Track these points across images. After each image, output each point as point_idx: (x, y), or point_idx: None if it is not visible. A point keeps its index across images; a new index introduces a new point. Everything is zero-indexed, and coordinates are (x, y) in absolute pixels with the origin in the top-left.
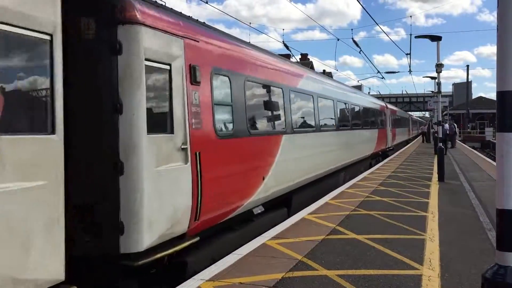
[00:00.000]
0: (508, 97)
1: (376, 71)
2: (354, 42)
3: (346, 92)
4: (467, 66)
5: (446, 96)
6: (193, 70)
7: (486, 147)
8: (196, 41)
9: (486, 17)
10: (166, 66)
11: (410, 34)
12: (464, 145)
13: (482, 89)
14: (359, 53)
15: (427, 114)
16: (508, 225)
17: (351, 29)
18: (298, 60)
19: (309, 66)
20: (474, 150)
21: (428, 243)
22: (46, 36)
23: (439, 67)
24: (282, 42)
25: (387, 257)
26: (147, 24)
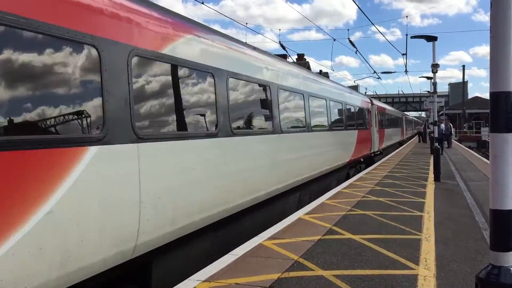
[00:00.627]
0: (501, 98)
1: (372, 71)
2: (350, 42)
3: (301, 79)
4: (463, 66)
5: (442, 96)
6: None
7: (482, 147)
8: None
9: (482, 17)
10: None
11: (406, 34)
12: (460, 145)
13: (478, 89)
14: (356, 53)
15: (423, 114)
16: (501, 225)
17: (347, 29)
18: (295, 60)
19: (305, 66)
20: (470, 150)
21: (424, 243)
22: None
23: (435, 67)
24: (279, 42)
25: (383, 257)
26: None
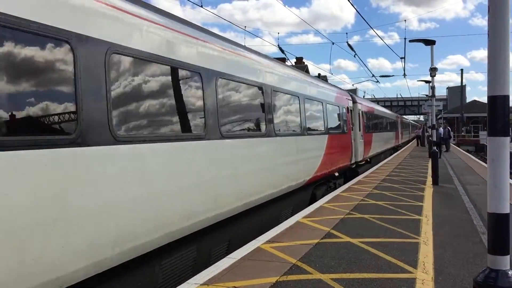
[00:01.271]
0: (498, 101)
1: (371, 75)
2: (349, 45)
3: (247, 64)
4: (461, 70)
5: (440, 99)
6: None
7: (480, 151)
8: None
9: (479, 21)
10: None
11: (405, 38)
12: (458, 148)
13: (476, 92)
14: (354, 56)
15: (422, 117)
16: (499, 229)
17: (346, 33)
18: (293, 63)
19: (304, 69)
20: (468, 154)
21: (422, 247)
22: None
23: (433, 71)
24: (277, 46)
25: (381, 260)
26: None
